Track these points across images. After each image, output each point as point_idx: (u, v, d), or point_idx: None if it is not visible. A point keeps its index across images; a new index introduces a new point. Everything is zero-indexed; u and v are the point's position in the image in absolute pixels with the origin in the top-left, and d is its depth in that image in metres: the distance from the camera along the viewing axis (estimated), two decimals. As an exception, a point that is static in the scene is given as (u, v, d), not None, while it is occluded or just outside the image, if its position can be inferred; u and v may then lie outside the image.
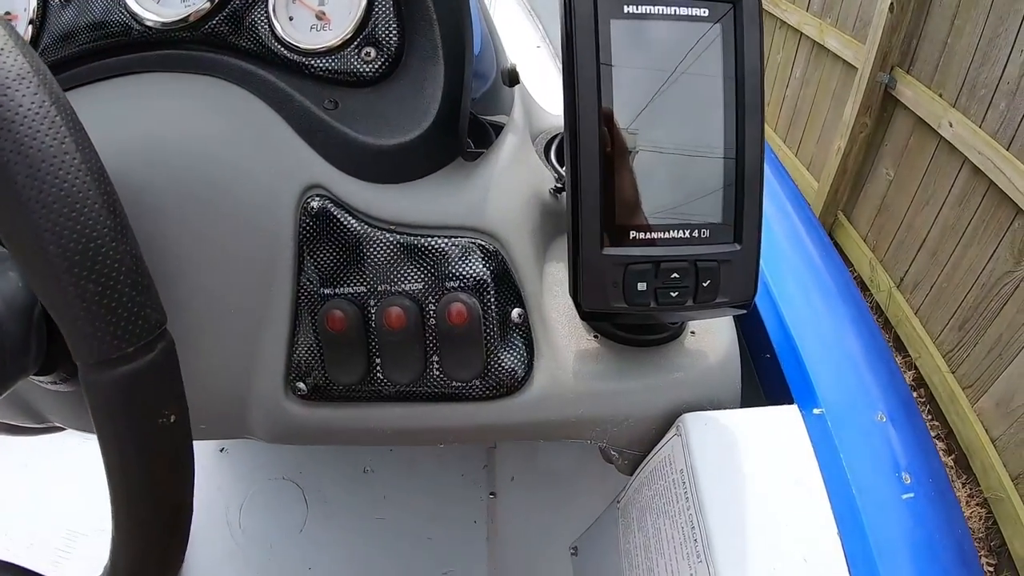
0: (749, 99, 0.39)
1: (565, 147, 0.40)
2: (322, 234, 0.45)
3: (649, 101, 0.38)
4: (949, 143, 2.07)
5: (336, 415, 0.48)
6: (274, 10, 0.45)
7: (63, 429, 0.55)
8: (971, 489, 1.92)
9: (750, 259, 0.41)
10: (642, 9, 0.37)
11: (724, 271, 0.41)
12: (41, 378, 0.37)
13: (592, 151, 0.38)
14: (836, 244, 2.84)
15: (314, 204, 0.44)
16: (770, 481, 0.44)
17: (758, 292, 0.42)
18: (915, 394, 2.24)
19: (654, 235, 0.40)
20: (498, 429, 0.49)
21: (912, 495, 0.45)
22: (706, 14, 0.38)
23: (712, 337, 0.50)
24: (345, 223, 0.45)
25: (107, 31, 0.46)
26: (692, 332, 0.50)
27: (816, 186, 2.92)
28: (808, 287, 0.62)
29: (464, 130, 0.46)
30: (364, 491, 1.19)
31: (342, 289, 0.45)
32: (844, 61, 2.72)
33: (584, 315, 0.43)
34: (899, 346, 2.37)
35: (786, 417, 0.48)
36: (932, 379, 2.13)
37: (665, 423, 0.49)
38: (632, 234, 0.40)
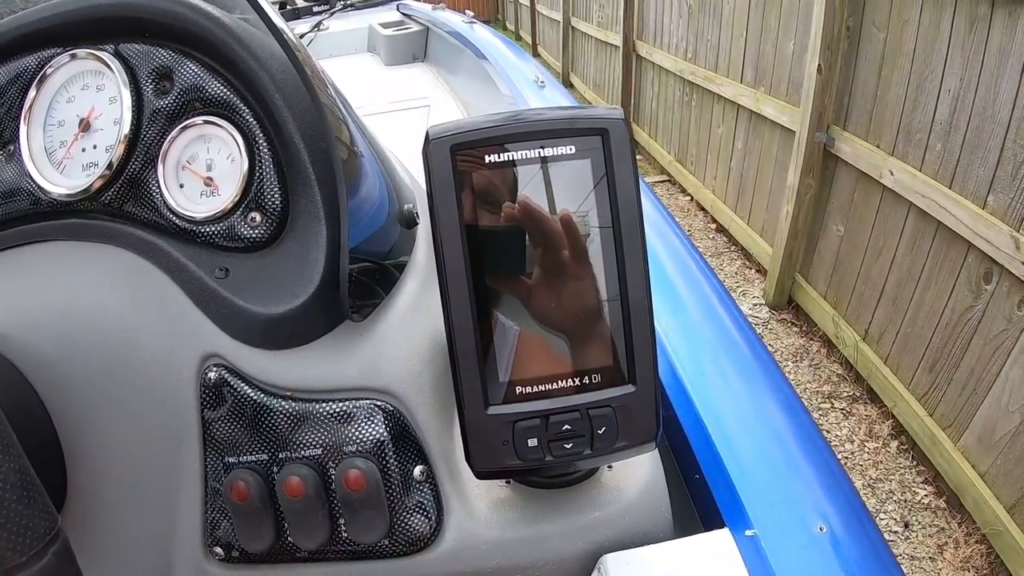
0: (627, 234, 0.37)
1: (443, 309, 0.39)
2: (222, 404, 0.45)
3: (522, 252, 0.37)
4: (893, 191, 2.12)
5: None
6: (164, 179, 0.47)
7: None
8: (968, 527, 1.89)
9: (647, 398, 0.39)
10: (505, 156, 0.36)
11: (621, 414, 0.39)
12: None
13: (464, 313, 0.37)
14: (798, 306, 2.84)
15: (211, 375, 0.45)
16: None
17: (682, 407, 0.41)
18: (896, 442, 2.16)
19: (541, 387, 0.39)
20: None
21: None
22: (573, 151, 0.37)
23: (632, 469, 0.48)
24: (242, 392, 0.45)
25: (14, 203, 0.48)
26: (609, 467, 0.48)
27: (771, 251, 2.97)
28: (737, 392, 0.59)
29: (345, 295, 0.46)
30: None
31: (245, 457, 0.45)
32: (782, 126, 2.83)
33: (478, 475, 0.41)
34: (873, 397, 2.33)
35: (717, 543, 0.46)
36: (911, 425, 2.09)
37: (589, 563, 0.46)
38: (518, 389, 0.39)
